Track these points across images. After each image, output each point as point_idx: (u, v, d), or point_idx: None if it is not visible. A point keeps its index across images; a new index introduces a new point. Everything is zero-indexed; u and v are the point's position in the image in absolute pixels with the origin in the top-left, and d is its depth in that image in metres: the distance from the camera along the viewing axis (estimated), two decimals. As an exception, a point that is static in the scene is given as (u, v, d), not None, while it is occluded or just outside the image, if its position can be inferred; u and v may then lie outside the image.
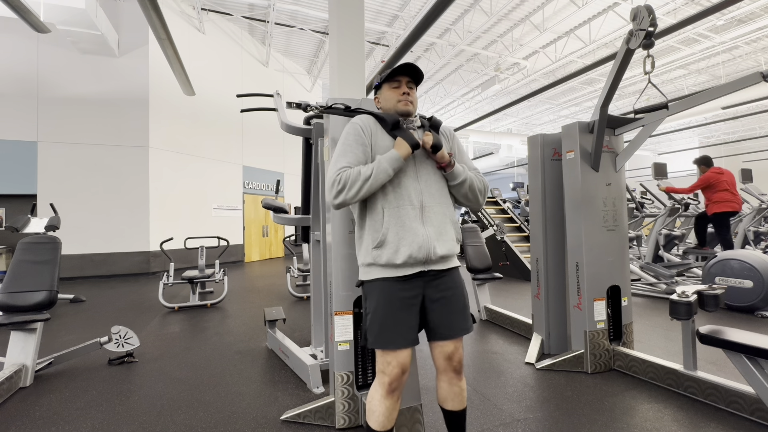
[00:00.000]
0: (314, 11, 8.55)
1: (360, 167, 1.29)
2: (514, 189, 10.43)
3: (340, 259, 1.82)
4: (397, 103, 1.41)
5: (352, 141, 1.36)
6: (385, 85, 1.43)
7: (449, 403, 1.38)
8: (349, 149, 1.34)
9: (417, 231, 1.28)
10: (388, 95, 1.43)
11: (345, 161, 1.31)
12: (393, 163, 1.29)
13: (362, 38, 3.46)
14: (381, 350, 1.29)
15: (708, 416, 1.88)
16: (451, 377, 1.36)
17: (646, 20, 2.10)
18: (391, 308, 1.28)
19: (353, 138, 1.36)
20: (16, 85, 6.82)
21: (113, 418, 1.97)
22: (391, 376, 1.27)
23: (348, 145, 1.35)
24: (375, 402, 1.31)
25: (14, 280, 2.46)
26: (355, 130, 1.38)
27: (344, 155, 1.33)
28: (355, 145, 1.34)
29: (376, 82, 1.46)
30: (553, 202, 2.81)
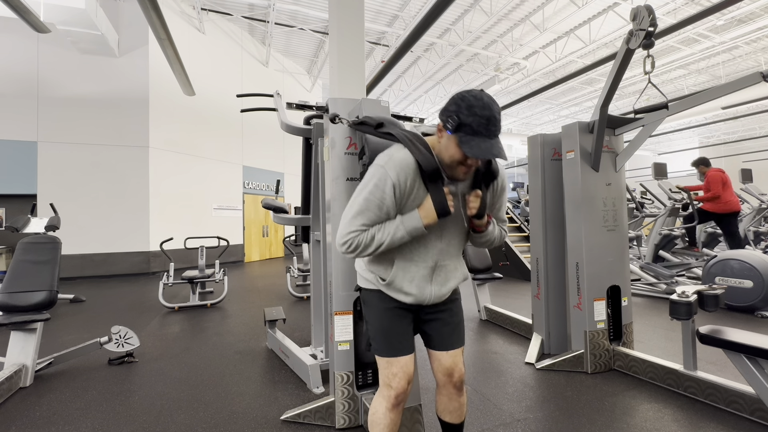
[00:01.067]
0: (314, 11, 8.56)
1: (374, 230, 1.16)
2: (514, 189, 10.43)
3: (340, 259, 1.82)
4: (455, 166, 1.14)
5: (375, 200, 1.14)
6: (458, 137, 1.09)
7: (448, 417, 1.37)
8: (370, 209, 1.15)
9: (423, 289, 1.25)
10: (451, 150, 1.12)
11: (360, 222, 1.15)
12: (412, 232, 1.15)
13: (362, 38, 3.46)
14: (386, 359, 1.25)
15: (708, 416, 1.88)
16: (451, 392, 1.33)
17: (646, 20, 2.10)
18: (391, 317, 1.27)
19: (378, 198, 1.14)
20: (16, 85, 6.82)
21: (113, 418, 1.97)
22: (398, 389, 1.23)
23: (370, 202, 1.15)
24: (379, 415, 1.27)
25: (14, 280, 2.46)
26: (383, 188, 1.13)
27: (362, 214, 1.15)
28: (375, 209, 1.15)
29: (453, 123, 1.08)
30: (553, 202, 2.81)
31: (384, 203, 1.15)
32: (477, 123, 1.06)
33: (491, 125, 1.07)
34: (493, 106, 1.08)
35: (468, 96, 1.07)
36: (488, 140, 1.07)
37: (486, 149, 1.06)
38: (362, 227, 1.15)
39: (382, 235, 1.15)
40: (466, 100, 1.07)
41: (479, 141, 1.06)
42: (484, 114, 1.06)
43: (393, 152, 1.17)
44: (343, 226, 1.18)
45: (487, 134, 1.07)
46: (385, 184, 1.13)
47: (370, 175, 1.17)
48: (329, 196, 1.89)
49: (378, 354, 1.27)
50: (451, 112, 1.08)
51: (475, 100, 1.06)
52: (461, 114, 1.06)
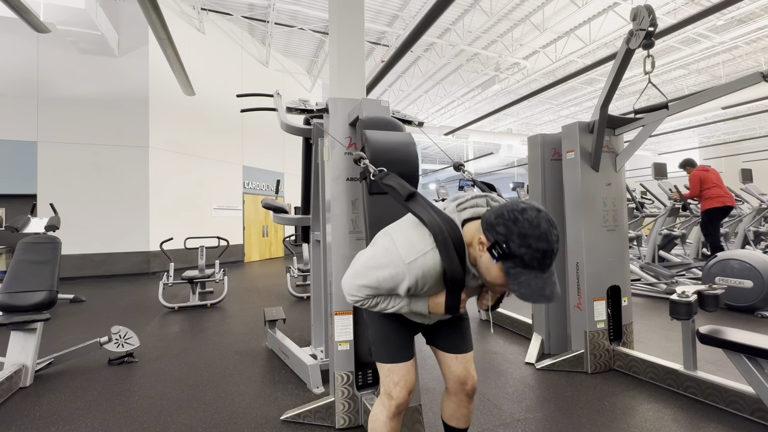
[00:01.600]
0: (314, 11, 8.55)
1: (380, 300, 1.12)
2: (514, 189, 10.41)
3: (340, 259, 1.81)
4: (495, 289, 1.04)
5: (385, 289, 1.08)
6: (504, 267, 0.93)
7: (455, 422, 1.36)
8: (379, 291, 1.09)
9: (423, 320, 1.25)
10: (494, 274, 0.97)
11: (367, 293, 1.11)
12: (417, 315, 1.15)
13: (362, 38, 3.46)
14: (387, 366, 1.24)
15: (708, 416, 1.88)
16: (462, 400, 1.31)
17: (646, 20, 2.10)
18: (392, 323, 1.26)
19: (388, 288, 1.07)
20: (16, 85, 6.82)
21: (113, 418, 1.97)
22: (399, 399, 1.22)
23: (381, 286, 1.07)
24: (379, 423, 1.25)
25: (14, 280, 2.46)
26: (398, 283, 1.05)
27: (369, 288, 1.09)
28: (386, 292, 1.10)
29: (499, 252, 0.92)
30: (553, 202, 2.81)
31: (393, 292, 1.10)
32: (530, 256, 0.89)
33: (546, 258, 0.90)
34: (551, 235, 0.89)
35: (522, 220, 0.89)
36: (541, 276, 0.91)
37: (537, 289, 0.90)
38: (367, 297, 1.13)
39: (385, 306, 1.14)
40: (518, 224, 0.89)
41: (530, 277, 0.91)
42: (540, 247, 0.89)
43: (422, 257, 1.02)
44: (350, 283, 1.13)
45: (540, 268, 0.91)
46: (401, 282, 1.04)
47: (389, 260, 1.05)
48: (329, 196, 1.89)
49: (379, 360, 1.26)
50: (500, 235, 0.91)
51: (531, 227, 0.89)
52: (512, 243, 0.89)
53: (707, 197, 5.11)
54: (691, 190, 5.24)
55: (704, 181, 5.12)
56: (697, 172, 5.21)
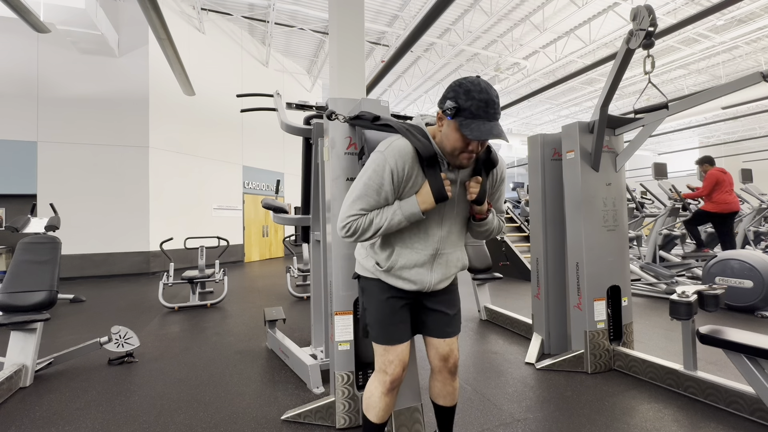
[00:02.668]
0: (314, 11, 8.56)
1: (372, 215, 1.18)
2: (514, 189, 10.43)
3: (340, 259, 1.81)
4: (456, 154, 1.15)
5: (374, 185, 1.17)
6: (458, 122, 1.10)
7: (441, 400, 1.43)
8: (368, 194, 1.18)
9: (423, 277, 1.27)
10: (452, 137, 1.12)
11: (359, 206, 1.18)
12: (410, 218, 1.17)
13: (362, 38, 3.46)
14: (383, 346, 1.29)
15: (708, 416, 1.88)
16: (446, 377, 1.38)
17: (646, 20, 2.10)
18: (389, 306, 1.30)
19: (376, 183, 1.16)
20: (16, 85, 6.82)
21: (113, 418, 1.97)
22: (393, 375, 1.28)
23: (369, 187, 1.17)
24: (374, 398, 1.32)
25: (14, 280, 2.46)
26: (382, 174, 1.16)
27: (361, 199, 1.18)
28: (374, 194, 1.17)
29: (451, 109, 1.09)
30: (553, 202, 2.81)
31: (382, 188, 1.17)
32: (476, 106, 1.07)
33: (490, 108, 1.08)
34: (490, 90, 1.09)
35: (465, 82, 1.09)
36: (488, 122, 1.08)
37: (486, 131, 1.07)
38: (361, 212, 1.19)
39: (380, 220, 1.18)
40: (463, 86, 1.09)
41: (479, 124, 1.07)
42: (482, 97, 1.07)
43: (392, 140, 1.20)
44: (343, 210, 1.21)
45: (486, 117, 1.08)
46: (383, 170, 1.16)
47: (370, 161, 1.20)
48: (329, 196, 1.89)
49: (374, 341, 1.31)
50: (450, 98, 1.10)
51: (473, 85, 1.08)
52: (459, 99, 1.08)
53: (718, 201, 4.99)
54: (702, 187, 5.10)
55: (719, 183, 5.00)
56: (715, 171, 5.06)
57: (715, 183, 5.01)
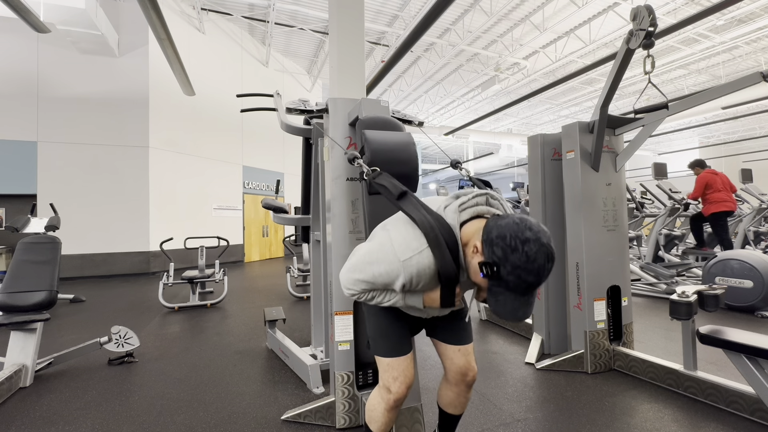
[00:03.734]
0: (314, 11, 8.55)
1: (376, 294, 1.13)
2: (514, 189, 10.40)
3: (340, 259, 1.81)
4: (472, 284, 1.07)
5: (381, 284, 1.09)
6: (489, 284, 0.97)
7: (452, 409, 1.39)
8: (374, 285, 1.10)
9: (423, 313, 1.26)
10: (478, 280, 1.01)
11: (363, 288, 1.12)
12: (412, 309, 1.18)
13: (362, 38, 3.46)
14: (386, 361, 1.25)
15: (708, 416, 1.88)
16: (462, 390, 1.34)
17: (646, 20, 2.10)
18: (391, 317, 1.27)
19: (384, 283, 1.08)
20: (16, 85, 6.82)
21: (113, 418, 1.97)
22: (397, 394, 1.24)
23: (376, 281, 1.09)
24: (377, 413, 1.30)
25: (14, 280, 2.46)
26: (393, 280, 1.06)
27: (366, 283, 1.11)
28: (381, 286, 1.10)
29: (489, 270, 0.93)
30: (553, 202, 2.81)
31: (388, 288, 1.11)
32: (515, 284, 0.92)
33: (531, 289, 0.93)
34: (542, 272, 0.90)
35: (521, 251, 0.89)
36: (519, 298, 0.94)
37: (512, 310, 0.94)
38: (363, 291, 1.14)
39: (381, 299, 1.15)
40: (516, 255, 0.89)
41: (509, 297, 0.94)
42: (528, 280, 0.91)
43: (415, 253, 1.04)
44: (347, 277, 1.14)
45: (522, 294, 0.94)
46: (396, 279, 1.06)
47: (384, 256, 1.07)
48: (329, 196, 1.89)
49: (377, 354, 1.27)
50: (494, 255, 0.92)
51: (527, 261, 0.89)
52: (503, 268, 0.91)
53: (711, 201, 5.08)
54: (694, 191, 5.22)
55: (710, 184, 5.08)
56: (705, 174, 5.17)
57: (705, 185, 5.12)
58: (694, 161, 5.52)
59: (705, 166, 5.38)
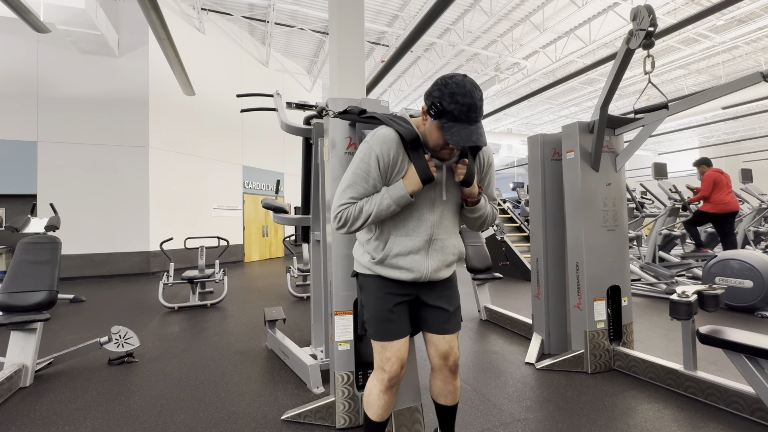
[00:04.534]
0: (314, 11, 8.55)
1: (362, 203, 1.20)
2: (514, 189, 10.43)
3: (340, 259, 1.81)
4: (438, 150, 1.21)
5: (361, 173, 1.21)
6: (440, 123, 1.14)
7: (443, 399, 1.42)
8: (357, 182, 1.21)
9: (420, 264, 1.27)
10: (434, 134, 1.17)
11: (349, 195, 1.22)
12: (398, 201, 1.19)
13: (362, 38, 3.46)
14: (380, 343, 1.29)
15: (708, 416, 1.88)
16: (446, 376, 1.37)
17: (646, 20, 2.10)
18: (387, 302, 1.30)
19: (363, 171, 1.21)
20: (16, 85, 6.82)
21: (113, 418, 1.97)
22: (391, 372, 1.28)
23: (357, 176, 1.21)
24: (374, 396, 1.33)
25: (14, 280, 2.45)
26: (368, 161, 1.20)
27: (351, 187, 1.22)
28: (362, 181, 1.21)
29: (436, 109, 1.12)
30: (553, 202, 2.81)
31: (369, 175, 1.21)
32: (458, 110, 1.09)
33: (472, 112, 1.10)
34: (474, 93, 1.10)
35: (451, 83, 1.11)
36: (469, 126, 1.11)
37: (466, 136, 1.10)
38: (351, 200, 1.21)
39: (369, 206, 1.20)
40: (448, 86, 1.10)
41: (460, 128, 1.10)
42: (465, 102, 1.09)
43: (377, 129, 1.25)
44: (334, 201, 1.24)
45: (467, 121, 1.11)
46: (369, 158, 1.20)
47: (357, 152, 1.25)
48: (329, 196, 1.89)
49: (372, 338, 1.31)
50: (434, 97, 1.13)
51: (458, 87, 1.10)
52: (444, 101, 1.10)
53: (718, 201, 5.02)
54: (702, 189, 5.13)
55: (717, 183, 5.03)
56: (712, 172, 5.11)
57: (714, 183, 5.03)
58: (699, 159, 5.43)
59: (711, 164, 5.32)
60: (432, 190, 1.26)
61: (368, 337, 1.32)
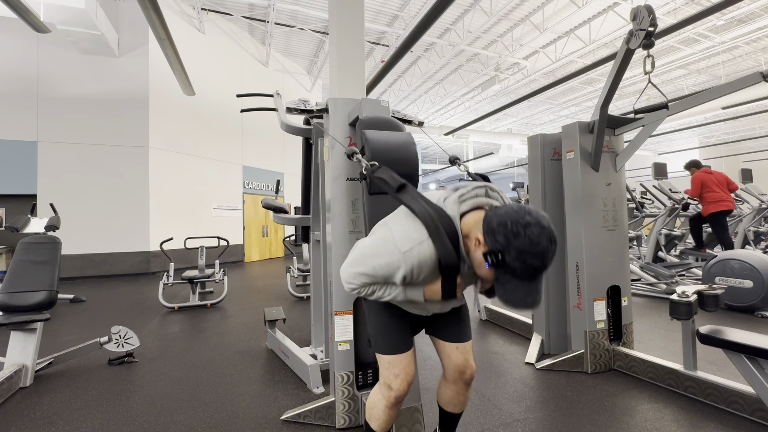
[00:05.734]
0: (314, 11, 8.55)
1: (376, 288, 1.13)
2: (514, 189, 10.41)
3: (340, 259, 1.81)
4: (477, 278, 1.09)
5: (381, 276, 1.08)
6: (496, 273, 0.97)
7: (451, 408, 1.39)
8: (375, 278, 1.10)
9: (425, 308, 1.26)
10: (483, 273, 1.00)
11: (363, 281, 1.11)
12: (412, 302, 1.17)
13: (362, 38, 3.46)
14: (387, 358, 1.25)
15: (708, 416, 1.88)
16: (461, 388, 1.34)
17: (646, 20, 2.10)
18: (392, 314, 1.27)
19: (384, 275, 1.07)
20: (16, 85, 6.82)
21: (113, 418, 1.97)
22: (398, 392, 1.24)
23: (377, 273, 1.08)
24: (378, 411, 1.30)
25: (14, 280, 2.46)
26: (393, 272, 1.06)
27: (367, 276, 1.10)
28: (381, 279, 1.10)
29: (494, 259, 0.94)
30: (553, 202, 2.81)
31: (389, 281, 1.10)
32: (522, 271, 0.91)
33: (538, 273, 0.93)
34: (547, 254, 0.90)
35: (524, 234, 0.90)
36: (527, 285, 0.94)
37: (521, 297, 0.94)
38: (363, 285, 1.13)
39: (381, 294, 1.14)
40: (519, 239, 0.90)
41: (517, 286, 0.94)
42: (534, 264, 0.90)
43: (416, 244, 1.04)
44: (347, 271, 1.13)
45: (529, 280, 0.93)
46: (397, 271, 1.05)
47: (385, 249, 1.07)
48: (329, 196, 1.89)
49: (379, 352, 1.27)
50: (498, 244, 0.92)
51: (531, 244, 0.89)
52: (508, 255, 0.91)
53: (709, 201, 5.11)
54: (691, 191, 5.27)
55: (705, 184, 5.12)
56: (699, 174, 5.22)
57: (701, 184, 5.14)
58: (689, 162, 5.57)
59: (700, 166, 5.43)
60: None
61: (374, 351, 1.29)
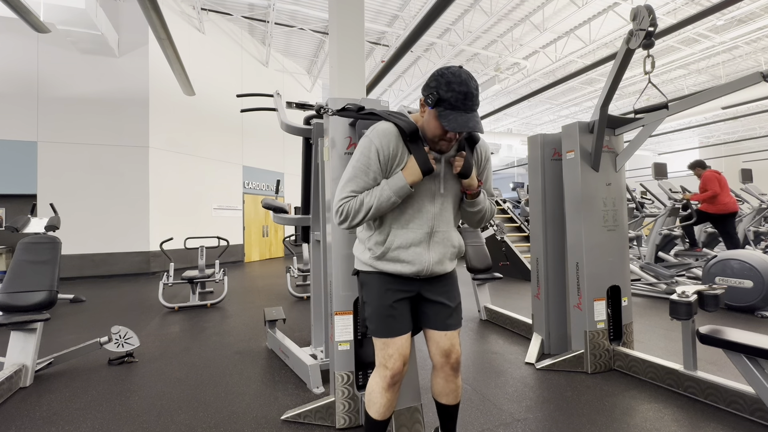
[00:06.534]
0: (314, 11, 8.55)
1: (363, 195, 1.22)
2: (514, 189, 10.42)
3: (340, 259, 1.81)
4: (436, 141, 1.22)
5: (362, 167, 1.23)
6: (437, 111, 1.16)
7: (444, 399, 1.41)
8: (358, 176, 1.24)
9: (421, 257, 1.27)
10: (432, 124, 1.20)
11: (350, 189, 1.24)
12: (398, 192, 1.21)
13: (362, 38, 3.46)
14: (382, 340, 1.29)
15: (708, 416, 1.88)
16: (448, 374, 1.37)
17: (646, 20, 2.10)
18: (388, 298, 1.29)
19: (364, 164, 1.23)
20: (16, 85, 6.82)
21: (113, 418, 1.97)
22: (393, 369, 1.27)
23: (357, 169, 1.24)
24: (376, 394, 1.32)
25: (14, 280, 2.45)
26: (368, 154, 1.23)
27: (351, 181, 1.24)
28: (362, 175, 1.23)
29: (433, 98, 1.15)
30: (553, 202, 2.81)
31: (370, 168, 1.23)
32: (455, 98, 1.13)
33: (468, 100, 1.14)
34: (470, 82, 1.15)
35: (447, 72, 1.15)
36: (465, 114, 1.14)
37: (463, 122, 1.13)
38: (352, 194, 1.23)
39: (370, 199, 1.22)
40: (445, 76, 1.14)
41: (457, 115, 1.14)
42: (461, 90, 1.13)
43: (377, 124, 1.27)
44: (336, 195, 1.26)
45: (464, 108, 1.14)
46: (369, 151, 1.23)
47: (358, 146, 1.28)
48: (329, 196, 1.89)
49: (374, 335, 1.30)
50: (432, 88, 1.17)
51: (454, 76, 1.14)
52: (441, 89, 1.14)
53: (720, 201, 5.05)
54: (710, 189, 5.12)
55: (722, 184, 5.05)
56: (712, 173, 5.14)
57: (718, 183, 5.06)
58: (694, 162, 5.48)
59: (706, 166, 5.38)
60: (431, 183, 1.28)
61: (369, 335, 1.32)
